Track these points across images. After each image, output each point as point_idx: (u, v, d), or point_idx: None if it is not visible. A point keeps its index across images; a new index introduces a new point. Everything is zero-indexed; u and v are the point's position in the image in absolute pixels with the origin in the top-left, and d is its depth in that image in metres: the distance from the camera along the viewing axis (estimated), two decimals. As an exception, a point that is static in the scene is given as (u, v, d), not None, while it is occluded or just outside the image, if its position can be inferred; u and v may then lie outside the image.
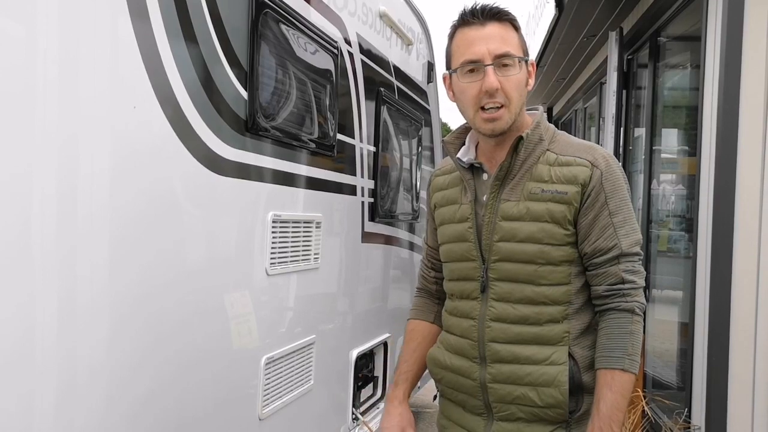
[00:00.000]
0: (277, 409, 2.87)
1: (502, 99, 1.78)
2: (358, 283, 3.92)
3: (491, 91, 1.75)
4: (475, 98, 1.80)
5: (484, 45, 1.77)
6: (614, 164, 1.83)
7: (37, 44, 1.69)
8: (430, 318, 2.14)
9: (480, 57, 1.77)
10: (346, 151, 3.59)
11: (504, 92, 1.78)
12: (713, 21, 3.67)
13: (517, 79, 1.79)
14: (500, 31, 1.79)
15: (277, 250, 2.82)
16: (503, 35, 1.79)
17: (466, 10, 1.83)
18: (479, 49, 1.78)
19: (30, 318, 1.69)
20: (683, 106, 5.23)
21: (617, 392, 1.74)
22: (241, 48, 2.51)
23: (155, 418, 2.15)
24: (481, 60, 1.77)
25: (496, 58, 1.77)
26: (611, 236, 1.78)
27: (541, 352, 1.81)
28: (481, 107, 1.80)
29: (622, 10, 5.82)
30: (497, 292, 1.85)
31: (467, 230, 1.89)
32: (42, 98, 1.71)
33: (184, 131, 2.20)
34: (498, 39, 1.78)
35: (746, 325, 3.39)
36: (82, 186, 1.82)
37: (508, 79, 1.78)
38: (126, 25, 1.94)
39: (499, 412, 1.87)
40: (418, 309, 2.18)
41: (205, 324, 2.39)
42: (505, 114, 1.79)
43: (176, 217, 2.22)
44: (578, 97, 9.51)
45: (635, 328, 1.78)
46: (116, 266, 1.95)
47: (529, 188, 1.82)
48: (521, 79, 1.81)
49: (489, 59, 1.77)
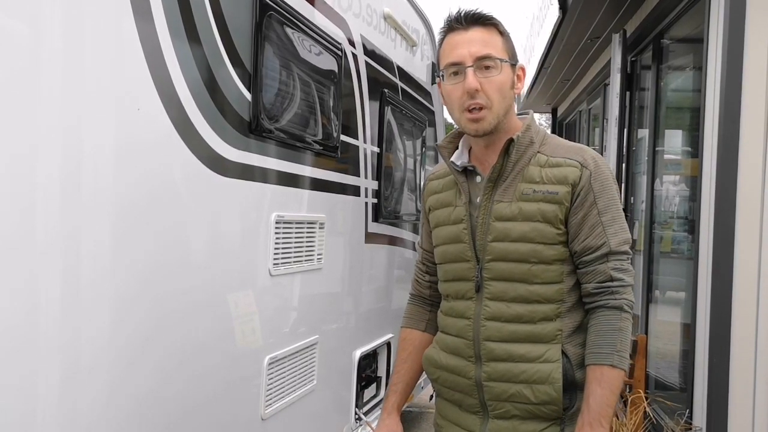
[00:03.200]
0: (280, 409, 2.89)
1: (483, 100, 1.83)
2: (361, 283, 3.93)
3: (471, 91, 1.81)
4: (459, 100, 1.85)
5: (466, 48, 1.83)
6: (603, 165, 1.88)
7: (40, 45, 1.70)
8: (422, 326, 2.16)
9: (461, 59, 1.83)
10: (349, 152, 3.61)
11: (485, 93, 1.82)
12: (715, 23, 3.68)
13: (498, 80, 1.83)
14: (482, 35, 1.85)
15: (280, 250, 2.84)
16: (485, 39, 1.85)
17: (451, 16, 1.89)
18: (461, 51, 1.84)
19: (31, 318, 1.71)
20: (686, 107, 5.23)
21: (606, 388, 1.77)
22: (244, 49, 2.53)
23: (157, 417, 2.17)
24: (463, 62, 1.83)
25: (477, 60, 1.82)
26: (600, 234, 1.82)
27: (535, 350, 1.85)
28: (465, 109, 1.85)
29: (626, 12, 5.83)
30: (491, 292, 1.88)
31: (462, 231, 1.93)
32: (45, 99, 1.72)
33: (187, 133, 2.21)
34: (479, 42, 1.84)
35: (747, 327, 3.40)
36: (84, 187, 1.84)
37: (488, 81, 1.82)
38: (130, 27, 1.96)
39: (494, 410, 1.90)
40: (410, 317, 2.20)
41: (207, 324, 2.41)
42: (487, 115, 1.84)
43: (180, 218, 2.24)
44: (582, 99, 9.51)
45: (624, 325, 1.81)
46: (120, 267, 1.97)
47: (521, 189, 1.86)
48: (503, 81, 1.85)
49: (470, 61, 1.82)
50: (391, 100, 4.22)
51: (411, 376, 2.14)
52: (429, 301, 2.17)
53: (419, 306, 2.19)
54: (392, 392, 2.13)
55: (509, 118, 1.90)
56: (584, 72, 8.67)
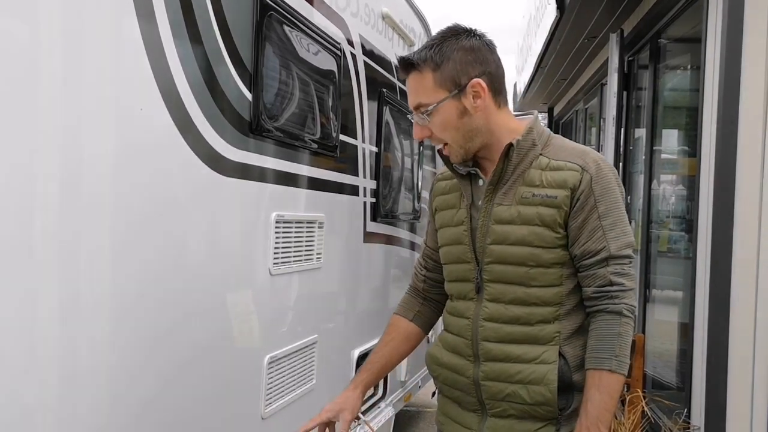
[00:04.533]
0: (280, 408, 2.89)
1: (437, 141, 1.91)
2: (360, 282, 3.94)
3: (420, 140, 1.87)
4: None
5: (409, 97, 1.91)
6: (606, 168, 1.86)
7: (41, 44, 1.70)
8: (410, 316, 2.18)
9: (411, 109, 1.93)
10: (348, 152, 3.61)
11: (436, 135, 1.89)
12: (713, 23, 3.68)
13: (438, 121, 1.86)
14: (414, 82, 1.89)
15: (280, 250, 2.84)
16: (416, 86, 1.88)
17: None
18: (409, 101, 1.92)
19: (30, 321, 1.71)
20: (683, 107, 5.25)
21: (605, 393, 1.77)
22: (245, 49, 2.53)
23: (158, 417, 2.17)
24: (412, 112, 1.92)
25: (416, 110, 1.89)
26: (600, 239, 1.82)
27: (532, 351, 1.85)
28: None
29: (623, 11, 5.84)
30: (491, 293, 1.89)
31: (463, 233, 1.95)
32: (46, 99, 1.72)
33: (188, 132, 2.21)
34: (413, 92, 1.89)
35: (745, 326, 3.41)
36: (85, 187, 1.84)
37: (432, 124, 1.87)
38: (132, 26, 1.96)
39: (491, 409, 1.91)
40: (402, 305, 2.22)
41: (208, 323, 2.41)
42: (451, 150, 1.90)
43: (180, 217, 2.24)
44: (579, 98, 9.52)
45: (624, 329, 1.80)
46: (119, 266, 1.97)
47: (521, 192, 1.86)
48: (444, 119, 1.86)
49: (414, 111, 1.91)
50: (390, 100, 4.22)
51: (387, 360, 2.14)
52: (422, 295, 2.19)
53: (413, 297, 2.21)
54: (364, 369, 2.13)
55: (492, 131, 1.89)
56: (581, 71, 8.68)
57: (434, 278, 2.15)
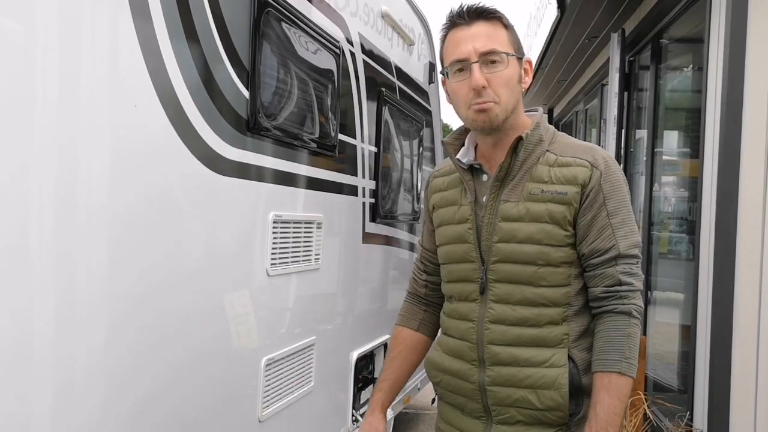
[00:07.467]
0: (277, 410, 2.86)
1: (491, 96, 1.78)
2: (358, 284, 3.91)
3: (477, 88, 1.76)
4: (465, 97, 1.81)
5: (470, 44, 1.78)
6: (614, 165, 1.83)
7: (37, 43, 1.68)
8: (414, 325, 2.13)
9: (466, 56, 1.78)
10: (347, 152, 3.58)
11: (492, 89, 1.78)
12: (716, 23, 3.66)
13: (505, 75, 1.79)
14: (486, 29, 1.80)
15: (277, 250, 2.81)
16: (489, 33, 1.80)
17: (453, 12, 1.84)
18: (465, 48, 1.79)
19: (28, 321, 1.68)
20: (685, 108, 5.22)
21: (614, 396, 1.73)
22: (242, 47, 2.50)
23: (154, 419, 2.14)
24: (468, 58, 1.78)
25: (482, 56, 1.78)
26: (609, 237, 1.78)
27: (541, 355, 1.80)
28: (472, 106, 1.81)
29: (624, 11, 5.82)
30: (496, 294, 1.83)
31: (467, 231, 1.88)
32: (42, 97, 1.69)
33: (185, 130, 2.18)
34: (484, 37, 1.79)
35: (749, 328, 3.38)
36: (81, 185, 1.81)
37: (495, 76, 1.78)
38: (128, 24, 1.93)
39: (498, 416, 1.86)
40: (404, 315, 2.16)
41: (205, 325, 2.38)
42: (495, 107, 1.79)
43: (176, 217, 2.21)
44: (579, 99, 9.50)
45: (632, 331, 1.77)
46: (116, 266, 1.94)
47: (529, 189, 1.81)
48: (510, 75, 1.80)
49: (475, 57, 1.77)
50: (389, 100, 4.19)
51: (399, 374, 2.10)
52: (424, 301, 2.14)
53: (414, 304, 2.16)
54: (378, 390, 2.09)
55: (517, 114, 1.86)
56: (581, 72, 8.67)
57: (435, 281, 2.09)
